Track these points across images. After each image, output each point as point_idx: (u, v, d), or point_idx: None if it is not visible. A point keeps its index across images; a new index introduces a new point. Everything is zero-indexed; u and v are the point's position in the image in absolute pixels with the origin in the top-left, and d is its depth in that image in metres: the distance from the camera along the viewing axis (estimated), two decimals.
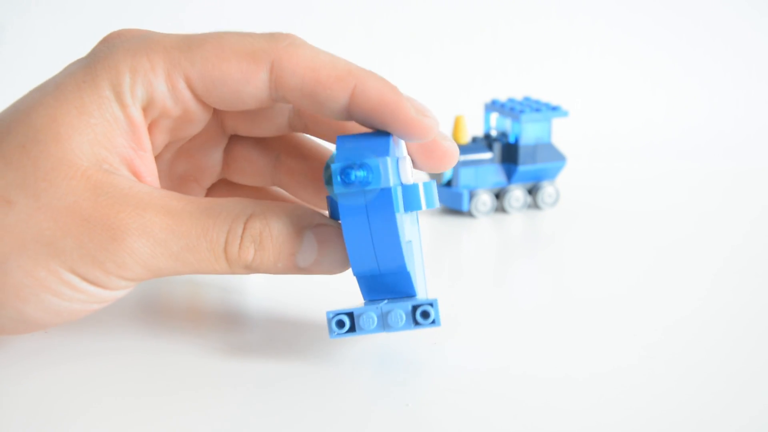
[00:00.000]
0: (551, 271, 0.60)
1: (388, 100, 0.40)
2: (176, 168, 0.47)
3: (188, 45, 0.41)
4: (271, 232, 0.40)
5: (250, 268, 0.40)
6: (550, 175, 0.71)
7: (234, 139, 0.48)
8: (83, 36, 1.02)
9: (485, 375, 0.42)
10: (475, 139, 0.71)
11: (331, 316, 0.39)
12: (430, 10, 1.09)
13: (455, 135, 0.69)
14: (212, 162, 0.47)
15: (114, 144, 0.40)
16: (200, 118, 0.43)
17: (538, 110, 0.70)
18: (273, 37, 0.41)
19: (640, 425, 0.38)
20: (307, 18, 1.07)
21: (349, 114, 0.41)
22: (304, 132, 0.47)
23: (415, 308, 0.39)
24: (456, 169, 0.69)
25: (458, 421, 0.38)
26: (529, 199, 0.71)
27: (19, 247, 0.38)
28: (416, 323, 0.39)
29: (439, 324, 0.39)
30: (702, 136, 0.96)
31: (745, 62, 1.06)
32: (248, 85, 0.41)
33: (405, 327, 0.39)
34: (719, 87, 1.04)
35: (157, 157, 0.44)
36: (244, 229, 0.39)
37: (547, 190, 0.71)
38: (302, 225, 0.40)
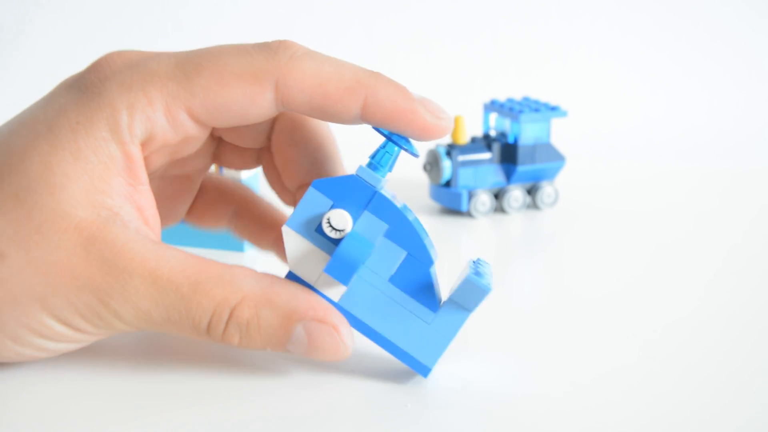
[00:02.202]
0: (550, 271, 0.60)
1: (402, 108, 0.39)
2: (170, 171, 0.46)
3: (185, 73, 0.39)
4: (259, 323, 0.38)
5: (236, 347, 0.40)
6: (549, 175, 0.71)
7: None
8: (82, 36, 1.02)
9: (484, 375, 0.42)
10: (474, 140, 0.71)
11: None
12: (430, 11, 1.09)
13: (454, 135, 0.70)
14: (203, 162, 0.47)
15: (111, 185, 0.39)
16: (200, 138, 0.42)
17: (537, 110, 0.70)
18: (272, 51, 0.40)
19: (638, 424, 0.38)
20: (307, 19, 1.08)
21: (363, 121, 0.40)
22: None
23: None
24: (455, 170, 0.69)
25: (457, 421, 0.38)
26: (528, 199, 0.71)
27: (11, 301, 0.38)
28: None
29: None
30: (700, 136, 0.96)
31: (743, 63, 1.06)
32: (253, 107, 0.39)
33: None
34: (718, 87, 1.04)
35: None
36: (230, 316, 0.38)
37: (546, 190, 0.71)
38: (294, 319, 0.39)
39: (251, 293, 0.39)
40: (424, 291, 0.40)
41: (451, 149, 0.69)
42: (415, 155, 0.41)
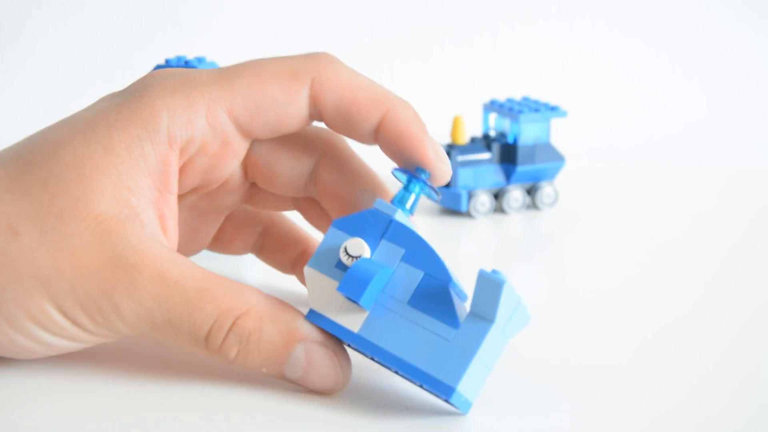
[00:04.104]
0: (550, 272, 0.60)
1: (414, 135, 0.40)
2: (199, 203, 0.46)
3: (226, 78, 0.41)
4: (261, 337, 0.38)
5: (231, 363, 0.39)
6: (549, 175, 0.71)
7: (260, 155, 0.45)
8: (83, 36, 1.02)
9: None
10: (473, 140, 0.71)
11: None
12: (430, 10, 1.09)
13: (454, 135, 0.70)
14: (233, 201, 0.46)
15: (138, 185, 0.39)
16: (237, 153, 0.42)
17: (536, 110, 0.70)
18: (311, 55, 0.41)
19: (636, 424, 0.38)
20: (307, 18, 1.08)
21: (376, 138, 0.41)
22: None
23: None
24: (455, 170, 0.69)
25: (456, 423, 0.38)
26: (527, 199, 0.71)
27: (16, 280, 0.38)
28: None
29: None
30: (700, 135, 0.96)
31: (741, 63, 1.06)
32: (291, 105, 0.40)
33: None
34: (717, 87, 1.04)
35: (181, 197, 0.43)
36: (233, 325, 0.38)
37: (546, 190, 0.71)
38: (296, 338, 0.39)
39: (258, 306, 0.39)
40: (443, 308, 0.38)
41: (450, 149, 0.69)
42: (435, 199, 0.42)
